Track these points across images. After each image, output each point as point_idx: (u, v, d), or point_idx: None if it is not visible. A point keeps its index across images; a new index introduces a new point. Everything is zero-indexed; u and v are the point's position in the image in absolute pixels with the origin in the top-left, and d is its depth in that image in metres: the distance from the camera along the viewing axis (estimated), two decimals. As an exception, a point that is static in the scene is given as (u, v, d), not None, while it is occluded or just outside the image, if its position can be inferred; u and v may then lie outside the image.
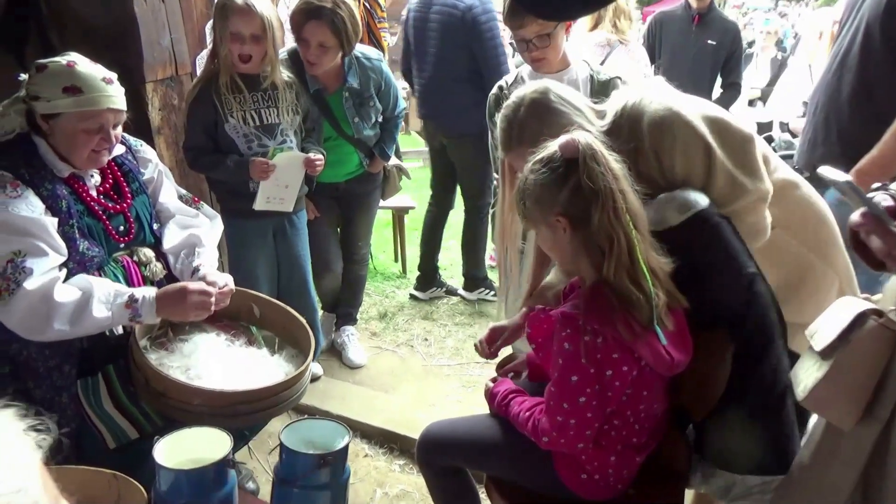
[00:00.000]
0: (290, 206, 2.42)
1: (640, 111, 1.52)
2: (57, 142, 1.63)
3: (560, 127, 1.47)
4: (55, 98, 1.58)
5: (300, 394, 1.77)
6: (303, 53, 2.44)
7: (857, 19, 1.99)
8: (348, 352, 3.06)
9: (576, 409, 1.34)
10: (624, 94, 1.59)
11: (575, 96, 1.60)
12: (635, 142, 1.50)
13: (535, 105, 1.54)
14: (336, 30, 2.36)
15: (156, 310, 1.62)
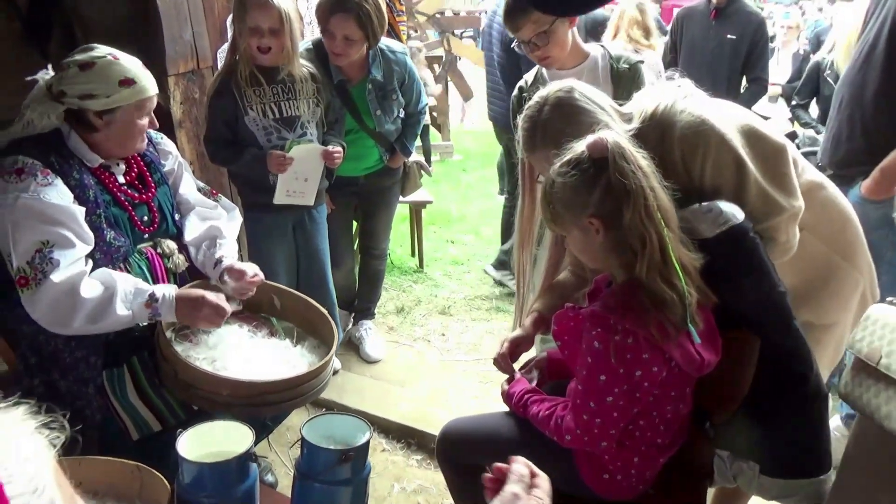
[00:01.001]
0: (310, 200, 2.42)
1: (671, 120, 1.49)
2: (111, 135, 1.67)
3: (586, 126, 1.45)
4: (114, 93, 1.62)
5: (325, 383, 1.79)
6: (328, 45, 2.44)
7: (882, 13, 1.95)
8: (366, 346, 3.07)
9: (602, 408, 1.33)
10: (654, 98, 1.55)
11: (600, 96, 1.57)
12: (662, 150, 1.47)
13: (560, 104, 1.51)
14: (362, 23, 2.35)
15: (175, 310, 1.64)
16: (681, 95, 1.53)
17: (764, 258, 1.41)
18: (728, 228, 1.38)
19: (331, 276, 2.66)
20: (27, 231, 1.53)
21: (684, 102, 1.51)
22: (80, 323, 1.55)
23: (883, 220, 2.02)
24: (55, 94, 1.63)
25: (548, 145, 1.49)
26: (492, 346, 3.22)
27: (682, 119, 1.48)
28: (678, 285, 1.27)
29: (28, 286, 1.52)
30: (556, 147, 1.43)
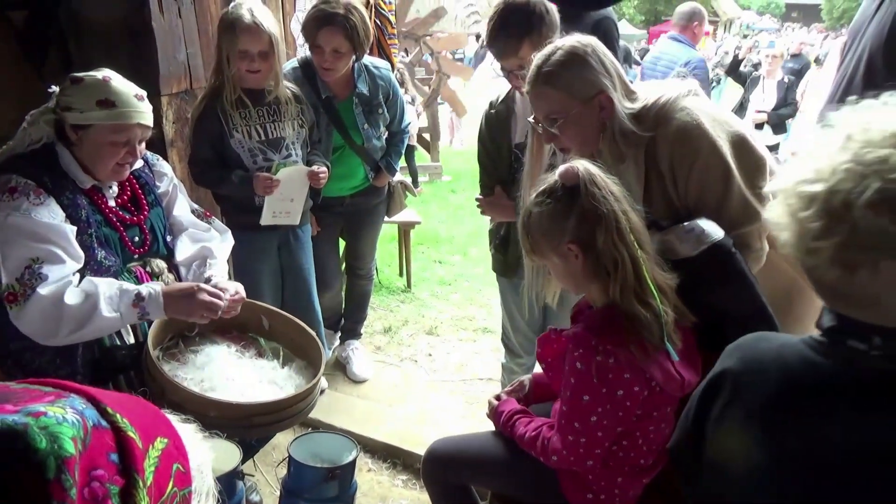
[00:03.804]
0: (296, 220, 2.44)
1: (669, 114, 1.54)
2: (84, 152, 1.66)
3: (587, 82, 1.52)
4: (88, 110, 1.62)
5: (312, 405, 1.79)
6: (317, 60, 2.48)
7: (860, 47, 2.02)
8: (353, 366, 3.07)
9: (587, 427, 1.35)
10: (662, 89, 1.60)
11: (613, 65, 1.59)
12: (654, 138, 1.54)
13: (573, 53, 1.55)
14: (349, 35, 2.40)
15: (163, 307, 1.63)
16: (685, 93, 1.58)
17: (745, 269, 1.45)
18: (709, 246, 1.43)
19: (316, 295, 2.67)
20: (17, 248, 1.54)
21: (686, 101, 1.55)
22: (67, 330, 1.55)
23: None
24: (52, 105, 1.67)
25: (548, 85, 1.55)
26: (478, 366, 3.24)
27: (679, 118, 1.52)
28: (654, 305, 1.31)
29: (16, 302, 1.53)
30: (553, 89, 1.53)
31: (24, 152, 1.66)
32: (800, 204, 0.77)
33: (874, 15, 1.99)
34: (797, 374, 0.85)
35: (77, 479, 0.47)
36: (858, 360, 0.80)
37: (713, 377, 0.97)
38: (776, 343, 0.91)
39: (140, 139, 1.71)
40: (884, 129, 0.73)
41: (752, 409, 0.89)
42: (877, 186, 0.71)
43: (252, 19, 2.16)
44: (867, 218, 0.71)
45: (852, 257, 0.74)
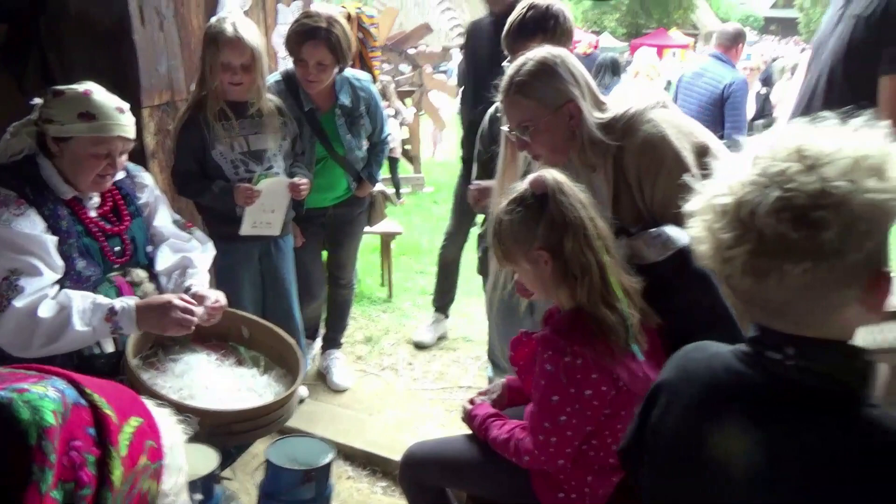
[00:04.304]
0: (277, 231, 2.47)
1: (636, 126, 1.60)
2: (64, 164, 1.69)
3: (555, 92, 1.58)
4: (69, 122, 1.65)
5: (291, 413, 1.81)
6: (302, 73, 2.52)
7: (822, 61, 2.10)
8: (333, 375, 3.09)
9: (556, 427, 1.40)
10: (631, 101, 1.66)
11: (583, 76, 1.66)
12: (623, 147, 1.59)
13: (543, 64, 1.62)
14: (332, 48, 2.45)
15: (136, 321, 1.64)
16: (653, 105, 1.64)
17: (707, 273, 1.50)
18: (675, 252, 1.48)
19: (297, 305, 2.69)
20: None
21: (653, 113, 1.61)
22: (39, 343, 1.56)
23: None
24: (34, 117, 1.70)
25: (519, 94, 1.62)
26: (458, 374, 3.27)
27: (646, 129, 1.58)
28: (619, 308, 1.36)
29: None
30: (524, 97, 1.59)
31: (6, 163, 1.69)
32: (714, 217, 0.82)
33: (834, 30, 2.07)
34: (721, 384, 0.90)
35: (57, 447, 0.52)
36: (775, 370, 0.84)
37: (652, 387, 1.03)
38: (708, 353, 0.96)
39: (121, 151, 1.74)
40: (787, 145, 0.79)
41: (676, 418, 0.94)
42: (776, 195, 0.76)
43: (235, 32, 2.20)
44: (770, 225, 0.76)
45: (761, 264, 0.78)
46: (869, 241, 0.75)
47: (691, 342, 1.14)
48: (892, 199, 0.75)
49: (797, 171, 0.76)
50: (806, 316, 0.81)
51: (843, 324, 0.82)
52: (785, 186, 0.75)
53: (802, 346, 0.82)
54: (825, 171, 0.75)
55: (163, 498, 0.60)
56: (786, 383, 0.84)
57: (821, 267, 0.75)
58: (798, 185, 0.75)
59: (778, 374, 0.84)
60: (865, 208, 0.74)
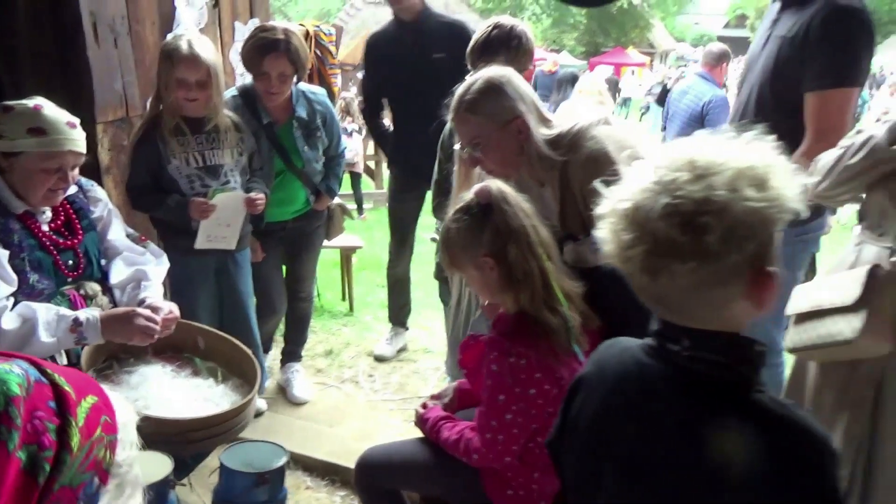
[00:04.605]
0: (232, 245, 2.49)
1: (580, 143, 1.69)
2: (15, 179, 1.70)
3: (503, 109, 1.67)
4: (18, 137, 1.66)
5: (247, 421, 1.84)
6: (263, 86, 2.57)
7: (752, 78, 2.23)
8: (293, 388, 3.10)
9: (503, 425, 1.46)
10: (576, 118, 1.76)
11: (529, 95, 1.75)
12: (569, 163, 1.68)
13: (490, 83, 1.71)
14: (292, 59, 2.51)
15: (101, 332, 1.67)
16: (596, 122, 1.73)
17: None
18: None
19: (255, 320, 2.71)
20: None
21: (597, 129, 1.71)
22: None
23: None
24: None
25: (469, 112, 1.71)
26: (419, 385, 3.31)
27: (589, 146, 1.67)
28: (561, 311, 1.44)
29: None
30: (474, 115, 1.68)
31: None
32: (616, 220, 0.90)
33: (763, 50, 2.20)
34: (630, 375, 0.98)
35: (22, 415, 0.59)
36: (675, 360, 0.92)
37: (573, 382, 1.10)
38: (619, 348, 1.04)
39: (72, 165, 1.76)
40: (682, 156, 0.87)
41: (591, 410, 1.02)
42: (665, 201, 0.84)
43: (190, 50, 2.23)
44: (661, 228, 0.84)
45: (654, 264, 0.86)
46: (749, 243, 0.83)
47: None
48: (770, 207, 0.83)
49: (686, 180, 0.84)
50: (697, 310, 0.89)
51: (732, 317, 0.90)
52: (675, 194, 0.83)
53: (696, 338, 0.90)
54: (712, 180, 0.83)
55: (116, 468, 0.67)
56: (684, 372, 0.92)
57: (705, 266, 0.83)
58: (686, 192, 0.83)
59: (677, 364, 0.92)
60: (745, 215, 0.82)
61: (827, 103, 2.00)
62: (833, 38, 1.97)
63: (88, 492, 0.63)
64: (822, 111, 2.01)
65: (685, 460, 0.90)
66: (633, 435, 0.96)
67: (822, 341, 1.61)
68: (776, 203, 0.84)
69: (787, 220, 0.86)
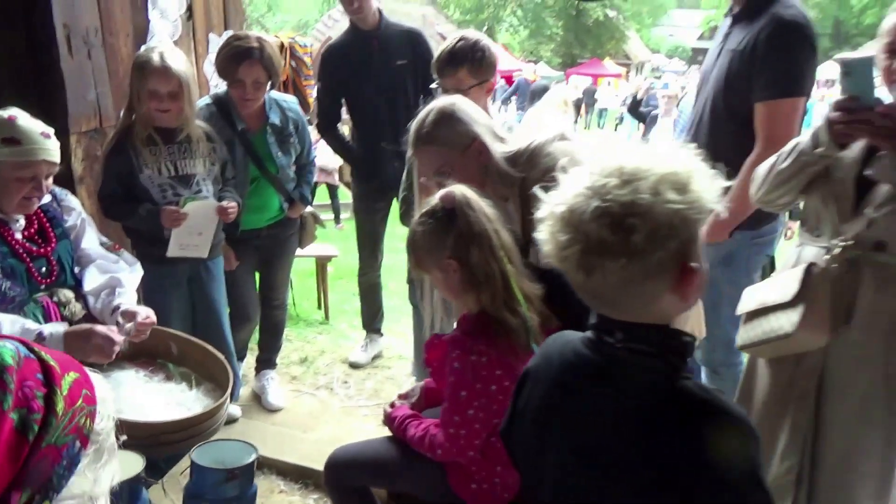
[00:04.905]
0: (204, 253, 2.52)
1: (536, 159, 1.78)
2: None
3: (460, 134, 1.75)
4: None
5: (220, 424, 1.88)
6: (238, 94, 2.63)
7: (706, 91, 2.33)
8: (268, 395, 3.13)
9: (465, 420, 1.52)
10: (532, 135, 1.84)
11: (479, 114, 1.84)
12: (527, 179, 1.75)
13: (442, 112, 1.79)
14: (266, 66, 2.59)
15: (63, 347, 1.69)
16: (551, 139, 1.81)
17: None
18: None
19: (228, 328, 2.73)
20: None
21: (553, 146, 1.79)
22: None
23: (719, 260, 2.34)
24: None
25: (428, 144, 1.79)
26: (393, 391, 3.35)
27: (545, 162, 1.75)
28: (520, 312, 1.51)
29: None
30: (434, 146, 1.76)
31: None
32: (553, 222, 0.97)
33: (716, 62, 2.31)
34: (571, 366, 1.05)
35: (14, 383, 0.69)
36: (610, 351, 1.00)
37: (522, 374, 1.18)
38: (563, 341, 1.11)
39: (46, 174, 1.80)
40: (612, 163, 0.95)
41: (537, 399, 1.10)
42: (596, 204, 0.91)
43: (161, 62, 2.28)
44: (593, 230, 0.91)
45: (588, 262, 0.93)
46: (672, 241, 0.91)
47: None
48: (690, 209, 0.91)
49: (615, 185, 0.92)
50: (629, 304, 0.97)
51: (660, 310, 0.98)
52: (605, 197, 0.91)
53: (629, 331, 0.98)
54: (637, 185, 0.91)
55: (95, 435, 0.76)
56: (618, 362, 0.99)
57: (634, 263, 0.91)
58: (614, 196, 0.91)
59: (612, 355, 1.00)
60: (667, 216, 0.90)
61: (775, 112, 2.10)
62: (779, 51, 2.08)
63: (70, 453, 0.73)
64: (770, 120, 2.11)
65: (620, 445, 0.98)
66: (573, 422, 1.03)
67: (766, 336, 1.71)
68: (696, 205, 0.91)
69: (706, 220, 0.94)
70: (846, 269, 1.64)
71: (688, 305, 0.98)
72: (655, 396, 0.96)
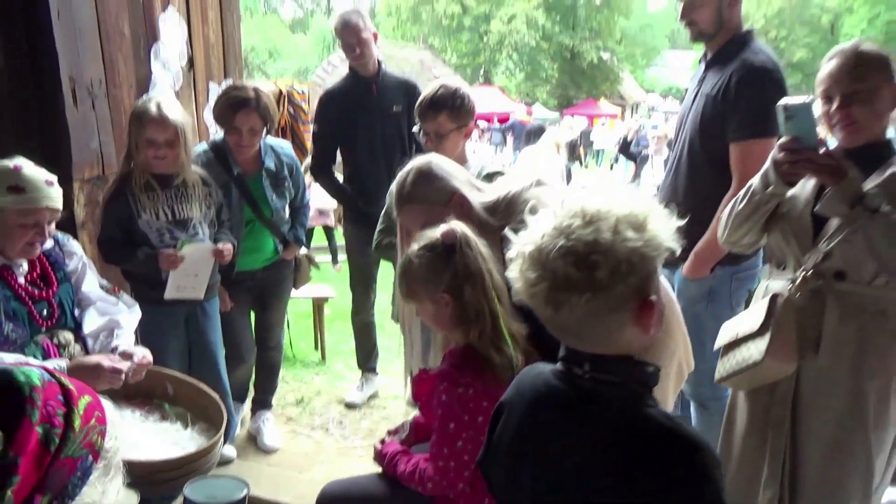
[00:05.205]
0: (200, 294, 2.58)
1: (515, 206, 1.86)
2: None
3: (439, 190, 1.84)
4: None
5: (213, 462, 1.92)
6: (235, 140, 2.74)
7: (684, 132, 2.43)
8: (263, 436, 3.15)
9: (454, 453, 1.57)
10: (509, 184, 1.93)
11: (456, 169, 1.94)
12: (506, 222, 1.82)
13: (420, 170, 1.89)
14: (262, 114, 2.70)
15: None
16: (528, 186, 1.89)
17: None
18: None
19: (224, 369, 2.77)
20: None
21: (530, 192, 1.87)
22: None
23: (702, 295, 2.41)
24: None
25: (411, 202, 1.88)
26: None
27: (521, 209, 1.82)
28: (506, 350, 1.57)
29: None
30: (417, 204, 1.84)
31: None
32: (522, 260, 1.04)
33: (692, 106, 2.41)
34: (542, 397, 1.11)
35: (41, 401, 0.80)
36: (579, 382, 1.06)
37: (496, 406, 1.23)
38: (534, 373, 1.17)
39: (49, 220, 1.88)
40: (575, 205, 1.02)
41: (511, 430, 1.15)
42: (562, 243, 0.98)
43: (158, 112, 2.39)
44: (560, 267, 0.98)
45: (556, 297, 1.00)
46: (632, 276, 0.98)
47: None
48: (647, 247, 0.98)
49: (579, 226, 0.99)
50: (594, 337, 1.03)
51: (624, 342, 1.04)
52: (569, 237, 0.98)
53: (596, 362, 1.04)
54: (599, 225, 0.98)
55: (105, 452, 0.87)
56: (586, 392, 1.05)
57: (598, 297, 0.97)
58: (578, 235, 0.98)
59: (580, 386, 1.06)
60: (626, 253, 0.97)
61: (748, 153, 2.20)
62: (749, 94, 2.18)
63: (84, 465, 0.84)
64: (744, 160, 2.20)
65: (590, 474, 1.02)
66: (545, 452, 1.08)
67: (738, 367, 1.77)
68: (652, 243, 0.99)
69: (664, 256, 1.01)
70: (810, 298, 1.72)
71: (649, 337, 1.04)
72: (621, 425, 1.01)
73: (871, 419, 1.71)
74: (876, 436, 1.71)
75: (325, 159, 3.50)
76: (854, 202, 1.59)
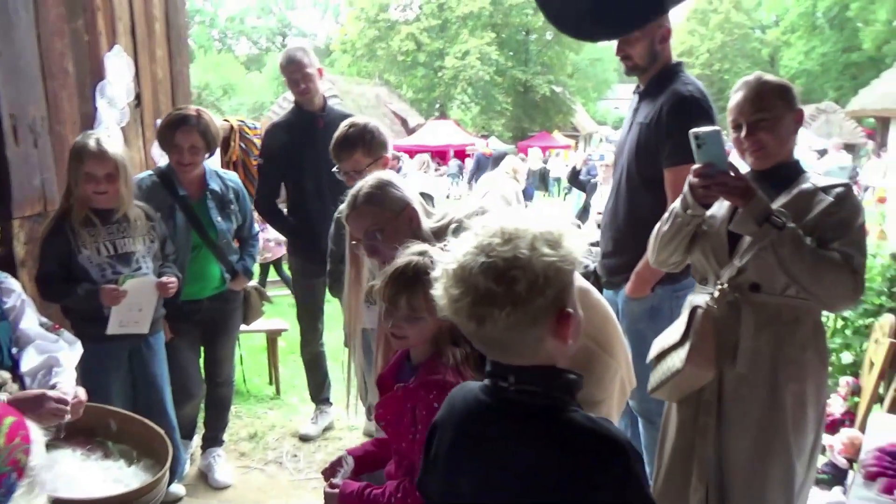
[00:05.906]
0: (145, 329, 2.55)
1: (459, 230, 1.90)
2: None
3: (394, 199, 1.89)
4: None
5: (158, 499, 1.88)
6: (176, 159, 2.77)
7: (621, 161, 2.55)
8: (214, 472, 3.10)
9: None
10: (455, 210, 1.99)
11: (410, 190, 1.97)
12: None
13: (378, 178, 1.94)
14: (202, 132, 2.75)
15: None
16: (471, 213, 1.94)
17: None
18: None
19: (170, 403, 2.72)
20: None
21: (471, 220, 1.91)
22: None
23: (644, 313, 2.49)
24: None
25: (365, 204, 1.90)
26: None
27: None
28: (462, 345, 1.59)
29: None
30: (370, 206, 1.88)
31: None
32: (446, 278, 1.09)
33: (628, 135, 2.53)
34: (472, 412, 1.15)
35: None
36: (504, 395, 1.10)
37: (430, 425, 1.27)
38: (465, 390, 1.21)
39: None
40: (495, 225, 1.08)
41: (445, 447, 1.19)
42: (482, 260, 1.04)
43: (98, 146, 2.39)
44: (481, 282, 1.03)
45: (478, 311, 1.04)
46: (550, 290, 1.03)
47: None
48: (562, 261, 1.05)
49: (498, 243, 1.05)
50: (517, 349, 1.08)
51: (545, 352, 1.09)
52: (490, 254, 1.04)
53: (519, 373, 1.09)
54: (517, 242, 1.04)
55: (30, 470, 0.91)
56: (511, 404, 1.09)
57: (518, 310, 1.02)
58: (498, 252, 1.04)
59: (507, 399, 1.10)
60: (543, 268, 1.03)
61: (680, 177, 2.28)
62: (679, 122, 2.29)
63: (8, 482, 0.87)
64: (677, 184, 2.30)
65: (522, 483, 1.06)
66: (478, 465, 1.11)
67: (664, 377, 1.87)
68: (567, 258, 1.05)
69: (579, 270, 1.07)
70: (728, 310, 1.83)
71: (568, 347, 1.09)
72: (546, 431, 1.06)
73: (790, 423, 1.81)
74: (795, 439, 1.82)
75: (269, 191, 3.52)
76: (761, 220, 1.72)
